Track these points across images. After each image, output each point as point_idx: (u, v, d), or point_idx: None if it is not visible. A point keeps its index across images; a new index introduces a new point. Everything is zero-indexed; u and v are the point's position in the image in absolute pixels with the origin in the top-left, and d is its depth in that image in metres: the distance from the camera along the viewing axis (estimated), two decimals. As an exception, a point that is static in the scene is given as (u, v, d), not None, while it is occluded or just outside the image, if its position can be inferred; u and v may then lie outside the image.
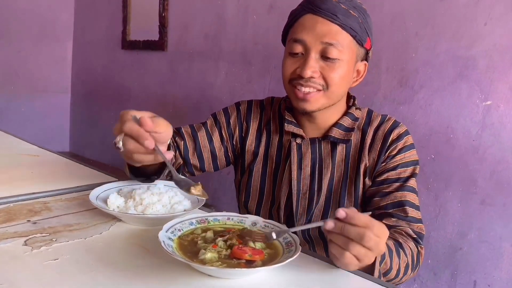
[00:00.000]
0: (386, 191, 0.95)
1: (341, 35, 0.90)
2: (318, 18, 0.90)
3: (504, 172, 1.41)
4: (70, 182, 1.01)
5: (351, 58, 0.93)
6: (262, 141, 1.07)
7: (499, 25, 1.40)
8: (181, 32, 2.53)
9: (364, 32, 0.93)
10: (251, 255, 0.64)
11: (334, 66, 0.90)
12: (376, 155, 0.97)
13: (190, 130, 1.08)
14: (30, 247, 0.68)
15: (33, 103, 3.26)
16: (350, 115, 1.00)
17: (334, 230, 0.63)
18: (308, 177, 1.01)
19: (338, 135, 0.99)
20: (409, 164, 0.97)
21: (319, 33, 0.89)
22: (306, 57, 0.91)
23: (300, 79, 0.92)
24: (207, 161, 1.09)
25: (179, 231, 0.71)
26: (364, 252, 0.63)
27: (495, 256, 1.44)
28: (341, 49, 0.90)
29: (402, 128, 0.98)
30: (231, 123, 1.09)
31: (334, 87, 0.92)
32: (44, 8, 3.25)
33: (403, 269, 0.83)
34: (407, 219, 0.91)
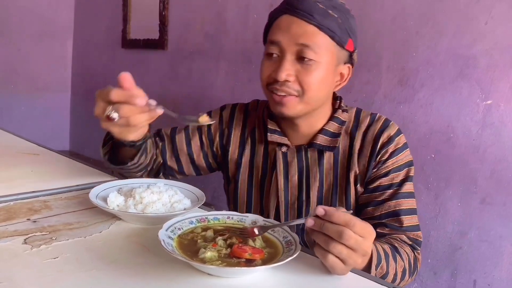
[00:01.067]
0: (379, 200, 0.91)
1: (317, 36, 0.86)
2: (294, 18, 0.86)
3: (504, 171, 1.40)
4: (70, 180, 1.01)
5: (330, 60, 0.88)
6: (246, 149, 1.03)
7: (500, 23, 1.39)
8: (181, 31, 2.52)
9: (344, 33, 0.88)
10: (251, 254, 0.64)
11: (310, 68, 0.86)
12: (367, 161, 0.93)
13: (170, 131, 1.07)
14: (30, 245, 0.68)
15: (33, 102, 3.25)
16: (336, 119, 0.96)
17: (314, 227, 0.63)
18: (296, 187, 0.98)
19: (324, 142, 0.94)
20: (402, 167, 0.93)
21: (294, 34, 0.86)
22: (281, 60, 0.87)
23: (276, 83, 0.88)
24: (186, 165, 1.06)
25: (179, 230, 0.71)
26: (346, 253, 0.61)
27: (495, 255, 1.44)
28: (317, 51, 0.85)
29: (392, 129, 0.94)
30: (211, 129, 1.05)
31: (310, 92, 0.88)
32: (44, 6, 3.25)
33: (400, 274, 0.82)
34: (402, 229, 0.89)
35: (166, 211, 0.80)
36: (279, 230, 0.72)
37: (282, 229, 0.72)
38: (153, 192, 0.82)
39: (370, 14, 1.70)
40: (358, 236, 0.61)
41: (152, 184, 0.87)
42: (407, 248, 0.87)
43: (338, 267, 0.63)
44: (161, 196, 0.82)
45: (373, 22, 1.69)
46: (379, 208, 0.91)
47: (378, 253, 0.75)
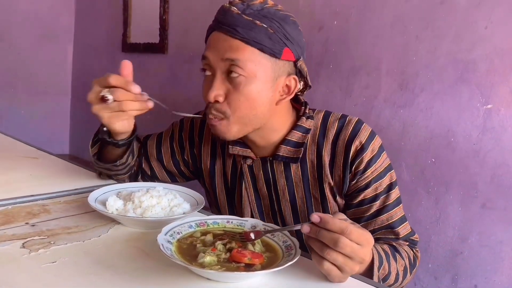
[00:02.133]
0: (368, 215, 0.87)
1: (243, 50, 0.79)
2: (221, 34, 0.81)
3: (505, 176, 1.40)
4: (69, 184, 1.01)
5: (264, 74, 0.80)
6: (218, 160, 0.98)
7: (499, 28, 1.40)
8: (181, 35, 2.53)
9: (277, 42, 0.80)
10: (250, 259, 0.63)
11: (239, 86, 0.80)
12: (341, 171, 0.87)
13: (144, 137, 1.07)
14: (28, 249, 0.67)
15: (33, 106, 3.26)
16: (299, 128, 0.88)
17: (310, 234, 0.62)
18: (267, 198, 0.94)
19: (287, 153, 0.88)
20: (383, 174, 0.87)
21: (220, 49, 0.80)
22: (212, 78, 0.83)
23: (209, 104, 0.84)
24: (158, 169, 1.04)
25: (178, 234, 0.71)
26: (342, 260, 0.60)
27: (496, 260, 1.43)
28: (243, 66, 0.79)
29: (364, 134, 0.86)
30: (183, 136, 1.03)
31: (239, 112, 0.81)
32: (44, 10, 3.25)
33: (401, 273, 0.81)
34: (399, 240, 0.88)
35: (165, 215, 0.80)
36: (278, 235, 0.72)
37: (282, 233, 0.72)
38: (152, 196, 0.82)
39: (370, 19, 1.70)
40: (354, 244, 0.60)
41: (151, 188, 0.87)
42: (406, 247, 0.87)
43: (334, 274, 0.62)
44: (160, 200, 0.82)
45: (372, 27, 1.69)
46: (371, 223, 0.88)
47: (379, 254, 0.74)
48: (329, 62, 1.82)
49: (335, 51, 1.81)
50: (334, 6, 1.81)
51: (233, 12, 0.80)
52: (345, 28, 1.78)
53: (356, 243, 0.61)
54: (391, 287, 0.82)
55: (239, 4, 0.81)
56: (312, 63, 1.84)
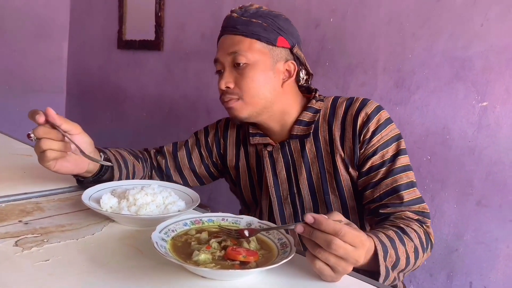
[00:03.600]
0: (375, 181, 0.92)
1: (243, 42, 0.94)
2: (226, 36, 0.98)
3: (500, 173, 1.40)
4: (63, 182, 1.00)
5: (263, 59, 0.95)
6: (241, 155, 1.09)
7: (495, 26, 1.40)
8: (177, 32, 2.52)
9: (272, 32, 0.95)
10: (245, 256, 0.63)
11: (244, 72, 0.94)
12: (351, 142, 0.94)
13: (171, 148, 1.14)
14: (21, 247, 0.67)
15: (27, 103, 3.23)
16: (309, 109, 0.99)
17: (304, 234, 0.62)
18: (285, 181, 1.01)
19: (300, 132, 0.98)
20: (390, 142, 0.93)
21: (226, 47, 0.96)
22: (222, 72, 0.97)
23: (223, 93, 0.97)
24: (189, 178, 1.14)
25: (173, 232, 0.70)
26: (334, 261, 0.60)
27: (491, 257, 1.43)
28: (246, 54, 0.94)
29: (371, 107, 0.94)
30: (209, 141, 1.13)
31: (248, 92, 0.95)
32: (39, 7, 3.23)
33: (412, 254, 0.80)
34: (404, 204, 0.89)
35: (160, 213, 0.79)
36: (274, 232, 0.72)
37: (277, 231, 0.72)
38: (147, 194, 0.81)
39: (366, 16, 1.70)
40: (348, 246, 0.60)
41: (146, 185, 0.87)
42: (415, 224, 0.86)
43: (327, 274, 0.62)
44: (155, 198, 0.81)
45: (369, 24, 1.69)
46: (377, 189, 0.91)
47: (383, 243, 0.74)
48: (325, 59, 1.82)
49: (331, 49, 1.81)
50: (330, 4, 1.80)
51: (234, 16, 0.97)
52: (341, 25, 1.77)
53: (350, 244, 0.61)
54: (404, 271, 0.81)
55: (238, 11, 0.98)
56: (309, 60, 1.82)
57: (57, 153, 0.81)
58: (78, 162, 0.87)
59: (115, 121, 2.91)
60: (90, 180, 0.94)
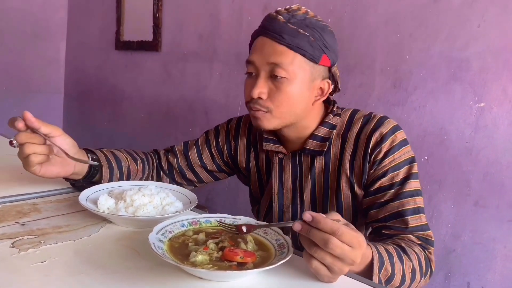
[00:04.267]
0: (381, 201, 0.90)
1: (287, 54, 0.88)
2: (267, 39, 0.90)
3: (497, 174, 1.41)
4: (60, 183, 1.00)
5: (303, 76, 0.89)
6: (251, 157, 1.08)
7: (492, 27, 1.40)
8: (175, 33, 2.52)
9: (317, 49, 0.89)
10: (242, 257, 0.63)
11: (282, 86, 0.89)
12: (361, 162, 0.92)
13: (182, 148, 1.13)
14: (18, 249, 0.67)
15: (25, 104, 3.22)
16: (325, 124, 0.96)
17: (302, 232, 0.62)
18: (290, 191, 1.00)
19: (314, 147, 0.96)
20: (402, 165, 0.90)
21: (266, 54, 0.89)
22: (256, 77, 0.91)
23: (251, 100, 0.92)
24: (203, 175, 1.14)
25: (170, 233, 0.70)
26: (331, 260, 0.60)
27: (489, 257, 1.44)
28: (288, 69, 0.87)
29: (387, 127, 0.91)
30: (220, 142, 1.12)
31: (281, 108, 0.90)
32: (37, 7, 3.22)
33: (409, 275, 0.79)
34: (408, 230, 0.87)
35: (157, 214, 0.79)
36: (271, 233, 0.71)
37: (275, 232, 0.72)
38: (144, 195, 0.81)
39: (364, 17, 1.70)
40: (345, 246, 0.60)
41: (144, 186, 0.86)
42: (416, 247, 0.85)
43: (323, 274, 0.62)
44: (153, 199, 0.81)
45: (366, 25, 1.69)
46: (382, 210, 0.89)
47: (380, 254, 0.73)
48: (323, 60, 1.82)
49: (329, 49, 1.81)
50: (328, 5, 1.81)
51: (280, 20, 0.88)
52: (339, 26, 1.78)
53: (347, 244, 0.60)
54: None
55: (285, 14, 0.89)
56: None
57: (41, 157, 0.81)
58: (64, 164, 0.87)
59: (112, 121, 2.90)
60: (80, 182, 0.94)
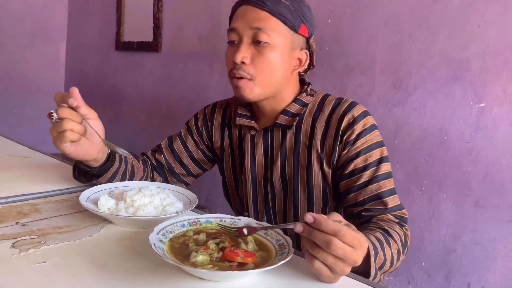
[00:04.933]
0: (358, 184, 0.92)
1: (269, 20, 0.92)
2: (249, 7, 0.94)
3: (498, 174, 1.41)
4: (61, 183, 1.00)
5: (283, 43, 0.93)
6: (225, 136, 1.10)
7: (492, 27, 1.40)
8: (175, 33, 2.52)
9: (297, 18, 0.94)
10: (243, 258, 0.63)
11: (264, 51, 0.92)
12: (332, 141, 0.95)
13: (167, 142, 1.15)
14: (18, 249, 0.67)
15: (25, 104, 3.23)
16: (298, 101, 0.99)
17: (303, 233, 0.62)
18: (262, 166, 1.03)
19: (285, 122, 0.98)
20: (373, 147, 0.93)
21: (249, 19, 0.93)
22: (239, 44, 0.94)
23: (234, 67, 0.94)
24: (190, 166, 1.14)
25: (171, 233, 0.70)
26: (333, 261, 0.60)
27: (489, 258, 1.44)
28: (270, 34, 0.91)
29: (358, 110, 0.95)
30: (199, 126, 1.14)
31: (265, 72, 0.93)
32: (37, 8, 3.22)
33: (396, 256, 0.82)
34: (387, 210, 0.91)
35: (158, 214, 0.79)
36: (272, 233, 0.71)
37: (275, 232, 0.72)
38: (144, 195, 0.81)
39: (364, 17, 1.70)
40: (347, 246, 0.60)
41: (144, 187, 0.86)
42: (396, 227, 0.88)
43: (325, 274, 0.62)
44: (153, 199, 0.81)
45: (366, 25, 1.69)
46: (361, 193, 0.92)
47: (374, 244, 0.75)
48: (323, 60, 1.82)
49: (329, 50, 1.81)
50: (328, 5, 1.81)
51: None
52: (339, 26, 1.78)
53: (349, 245, 0.61)
54: (386, 272, 0.82)
55: None
56: (306, 61, 1.84)
57: (76, 135, 0.81)
58: (90, 148, 0.87)
59: (112, 122, 2.90)
60: (96, 171, 0.92)
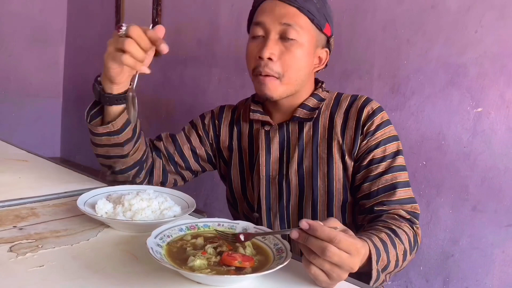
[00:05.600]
0: (374, 174, 0.92)
1: (298, 17, 0.91)
2: (277, 2, 0.92)
3: (495, 179, 1.41)
4: (59, 187, 1.00)
5: (310, 41, 0.93)
6: (234, 135, 1.08)
7: (489, 32, 1.41)
8: (174, 38, 2.52)
9: (322, 16, 0.94)
10: (241, 262, 0.63)
11: (292, 47, 0.91)
12: (353, 132, 0.95)
13: (168, 134, 1.13)
14: (15, 253, 0.66)
15: (24, 108, 3.23)
16: (315, 96, 1.00)
17: (299, 240, 0.62)
18: (277, 161, 1.01)
19: (303, 115, 0.98)
20: (391, 139, 0.94)
21: (277, 15, 0.91)
22: (266, 39, 0.92)
23: (260, 63, 0.92)
24: (190, 160, 1.11)
25: (168, 237, 0.70)
26: (329, 267, 0.60)
27: (487, 262, 1.44)
28: (298, 30, 0.91)
29: (375, 104, 0.97)
30: (206, 123, 1.12)
31: (290, 72, 0.92)
32: (36, 12, 3.23)
33: (401, 257, 0.81)
34: (399, 202, 0.90)
35: (156, 218, 0.79)
36: (270, 238, 0.71)
37: (273, 236, 0.71)
38: (142, 199, 0.81)
39: (362, 23, 1.71)
40: (343, 253, 0.60)
41: (142, 191, 0.86)
42: (406, 225, 0.87)
43: (322, 280, 0.62)
44: (151, 203, 0.81)
45: (364, 30, 1.70)
46: (376, 182, 0.92)
47: (376, 247, 0.74)
48: (321, 65, 1.83)
49: (327, 55, 1.82)
50: (326, 10, 1.82)
51: None
52: (337, 31, 1.78)
53: (345, 251, 0.60)
54: (391, 272, 0.81)
55: None
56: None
57: (131, 61, 0.77)
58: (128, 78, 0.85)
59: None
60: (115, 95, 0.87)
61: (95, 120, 0.93)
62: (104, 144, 0.94)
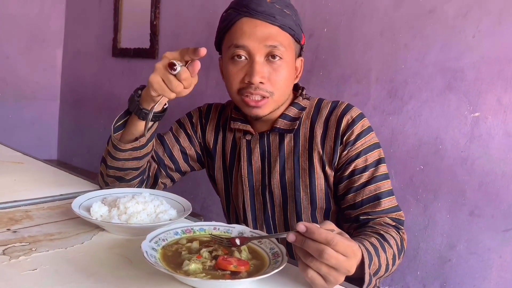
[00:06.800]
0: (357, 185, 0.92)
1: (281, 36, 0.89)
2: (257, 21, 0.88)
3: (493, 184, 1.41)
4: (54, 190, 0.99)
5: (292, 56, 0.93)
6: (219, 138, 1.07)
7: (487, 37, 1.41)
8: (172, 40, 2.52)
9: (299, 29, 0.93)
10: (236, 266, 0.62)
11: (279, 68, 0.90)
12: (332, 143, 0.94)
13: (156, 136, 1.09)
14: (8, 256, 0.66)
15: (21, 110, 3.22)
16: (295, 105, 0.98)
17: (296, 243, 0.62)
18: (259, 172, 1.00)
19: (284, 126, 0.97)
20: (372, 147, 0.93)
21: (260, 37, 0.88)
22: (251, 63, 0.89)
23: (249, 87, 0.90)
24: (180, 161, 1.09)
25: (163, 241, 0.70)
26: (326, 270, 0.60)
27: (484, 267, 1.43)
28: (283, 50, 0.89)
29: (355, 112, 0.95)
30: (194, 122, 1.11)
31: (280, 90, 0.92)
32: (34, 14, 3.23)
33: (391, 261, 0.82)
34: (384, 211, 0.90)
35: (151, 222, 0.78)
36: (266, 242, 0.71)
37: (269, 240, 0.71)
38: (138, 202, 0.81)
39: (359, 27, 1.71)
40: (340, 255, 0.60)
41: (137, 194, 0.86)
42: (393, 231, 0.87)
43: (318, 283, 0.61)
44: (146, 206, 0.81)
45: (362, 35, 1.71)
46: (360, 193, 0.91)
47: (368, 251, 0.74)
48: (319, 69, 1.83)
49: (325, 59, 1.82)
50: (324, 14, 1.82)
51: (266, 0, 0.88)
52: (335, 35, 1.79)
53: (342, 254, 0.60)
54: (382, 277, 0.82)
55: None
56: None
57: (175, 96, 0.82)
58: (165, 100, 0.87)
59: (109, 129, 2.90)
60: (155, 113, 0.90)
61: (117, 133, 0.95)
62: (125, 158, 0.94)
